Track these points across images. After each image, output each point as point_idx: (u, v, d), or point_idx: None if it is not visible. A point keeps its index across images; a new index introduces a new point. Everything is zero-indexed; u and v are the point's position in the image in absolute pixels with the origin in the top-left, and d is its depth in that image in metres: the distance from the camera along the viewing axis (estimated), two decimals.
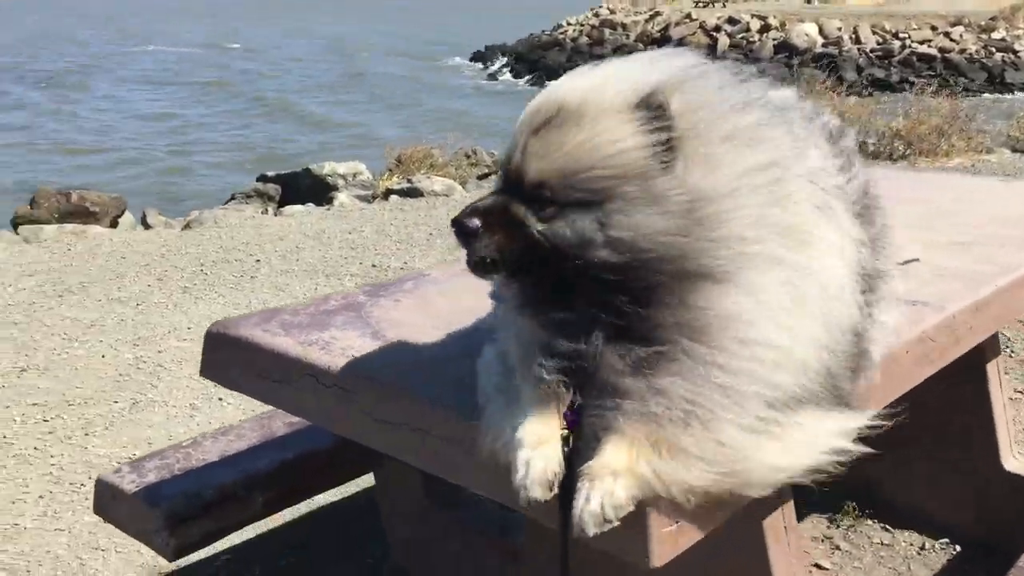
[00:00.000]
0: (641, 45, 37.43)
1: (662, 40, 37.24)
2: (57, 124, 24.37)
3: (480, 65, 43.50)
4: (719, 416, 1.51)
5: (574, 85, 1.54)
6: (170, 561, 2.73)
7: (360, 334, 2.14)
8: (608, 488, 1.47)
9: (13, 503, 3.99)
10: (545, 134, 1.48)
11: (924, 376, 2.16)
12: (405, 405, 1.84)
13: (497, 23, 64.95)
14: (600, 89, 1.50)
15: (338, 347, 2.05)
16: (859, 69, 32.72)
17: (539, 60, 38.61)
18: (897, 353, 2.04)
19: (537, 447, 1.53)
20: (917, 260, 2.66)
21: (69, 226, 9.40)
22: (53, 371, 5.41)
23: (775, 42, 35.44)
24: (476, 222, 1.49)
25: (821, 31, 35.74)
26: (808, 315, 1.57)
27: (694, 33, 37.10)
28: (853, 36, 35.20)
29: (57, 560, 3.60)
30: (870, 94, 26.64)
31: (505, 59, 41.44)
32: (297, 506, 3.51)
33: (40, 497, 4.03)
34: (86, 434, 4.62)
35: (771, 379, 1.54)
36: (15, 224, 9.88)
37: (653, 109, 1.46)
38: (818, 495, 3.67)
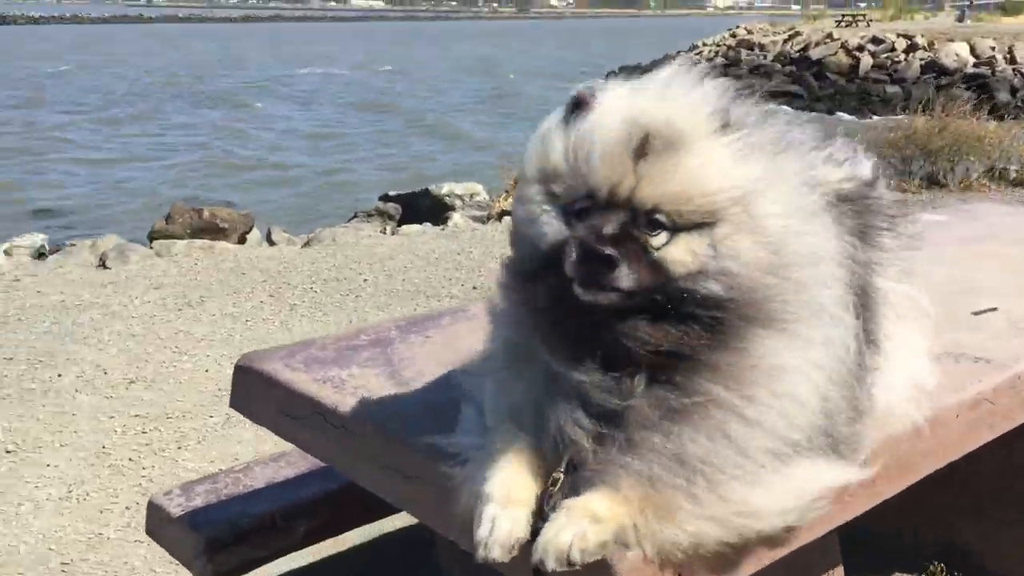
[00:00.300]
0: (779, 65, 36.54)
1: (800, 60, 36.24)
2: (220, 142, 25.56)
3: None
4: (727, 473, 1.47)
5: (649, 107, 1.49)
6: None
7: (378, 373, 2.12)
8: (582, 529, 1.43)
9: (101, 512, 4.17)
10: (654, 159, 1.43)
11: (981, 442, 1.97)
12: (402, 451, 1.81)
13: (639, 46, 64.81)
14: (682, 111, 1.48)
15: (351, 386, 2.04)
16: (1013, 90, 30.96)
17: None
18: (944, 416, 1.87)
19: (506, 506, 1.47)
20: (995, 309, 2.45)
21: (198, 241, 9.82)
22: (159, 384, 5.64)
23: (922, 62, 33.90)
24: (613, 251, 1.40)
25: (973, 51, 33.99)
26: (831, 361, 1.55)
27: (835, 53, 35.86)
28: (1008, 56, 33.32)
29: (132, 572, 3.73)
30: None
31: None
32: (366, 530, 3.52)
33: (127, 508, 4.19)
34: (179, 447, 4.79)
35: (785, 434, 1.50)
36: (151, 238, 10.42)
37: (739, 133, 1.48)
38: (905, 554, 3.46)
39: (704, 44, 43.28)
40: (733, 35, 42.88)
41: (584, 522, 1.42)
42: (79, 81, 41.70)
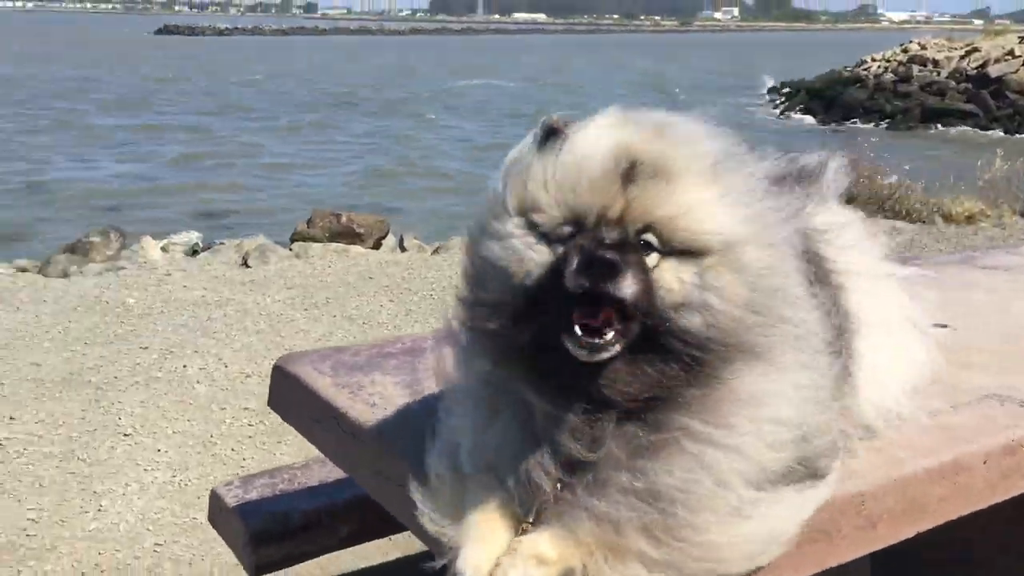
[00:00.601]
0: (953, 82, 34.73)
1: (977, 78, 34.31)
2: (392, 150, 26.33)
3: (775, 99, 42.42)
4: (705, 504, 1.41)
5: (638, 138, 1.45)
6: None
7: (398, 382, 2.16)
8: (526, 572, 1.40)
9: (198, 498, 4.39)
10: (643, 184, 1.39)
11: (1014, 491, 1.82)
12: (397, 460, 1.83)
13: (806, 61, 63.00)
14: (673, 145, 1.44)
15: (366, 393, 2.08)
16: None
17: (836, 97, 36.94)
18: (968, 461, 1.74)
19: None
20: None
21: (334, 245, 10.21)
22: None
23: None
24: (616, 257, 1.34)
25: None
26: (810, 385, 1.50)
27: (1016, 71, 33.77)
28: None
29: (217, 557, 3.91)
30: None
31: (799, 95, 40.11)
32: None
33: None
34: (277, 442, 4.99)
35: (765, 459, 1.45)
36: (292, 240, 10.91)
37: (729, 173, 1.44)
38: None
39: (873, 59, 41.56)
40: (905, 50, 40.98)
41: (530, 564, 1.39)
42: (267, 90, 43.95)
